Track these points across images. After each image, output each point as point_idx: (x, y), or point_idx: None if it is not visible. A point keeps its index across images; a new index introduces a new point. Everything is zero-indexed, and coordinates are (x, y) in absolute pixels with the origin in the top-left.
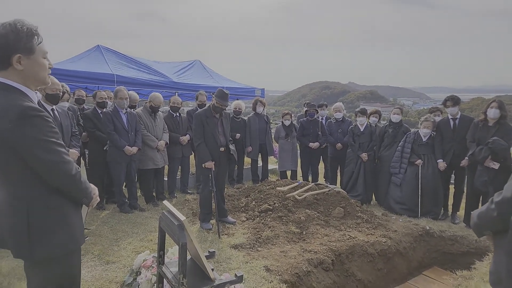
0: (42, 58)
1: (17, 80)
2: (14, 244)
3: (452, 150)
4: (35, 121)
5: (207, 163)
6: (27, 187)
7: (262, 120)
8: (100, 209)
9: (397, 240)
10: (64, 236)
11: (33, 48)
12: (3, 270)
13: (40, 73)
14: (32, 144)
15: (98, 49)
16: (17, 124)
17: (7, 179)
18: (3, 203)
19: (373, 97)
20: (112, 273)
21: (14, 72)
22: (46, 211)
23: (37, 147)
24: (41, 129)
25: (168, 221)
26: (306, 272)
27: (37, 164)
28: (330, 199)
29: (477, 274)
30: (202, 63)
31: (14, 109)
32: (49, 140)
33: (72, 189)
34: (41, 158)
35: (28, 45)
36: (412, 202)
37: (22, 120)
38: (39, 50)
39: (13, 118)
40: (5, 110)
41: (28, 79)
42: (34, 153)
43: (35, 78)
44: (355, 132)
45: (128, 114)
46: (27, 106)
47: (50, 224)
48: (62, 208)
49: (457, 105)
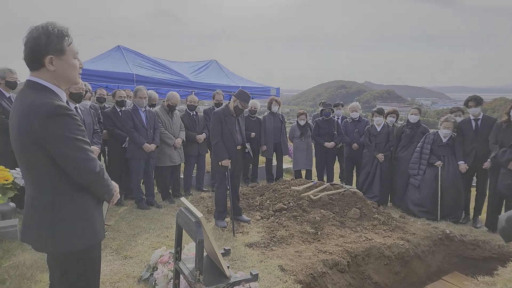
0: (72, 58)
1: (49, 80)
2: (37, 237)
3: (474, 152)
4: (64, 119)
5: (224, 161)
6: (53, 182)
7: (277, 119)
8: (118, 205)
9: (415, 243)
10: (86, 230)
11: (64, 49)
12: (26, 262)
13: (71, 73)
14: (60, 141)
15: (119, 49)
16: (46, 121)
17: (34, 174)
18: (29, 197)
19: (390, 96)
20: (130, 267)
21: (47, 72)
22: (70, 206)
23: (65, 144)
24: (69, 127)
25: (186, 218)
26: (321, 273)
27: (64, 161)
28: (345, 199)
29: (500, 281)
30: (218, 63)
31: (44, 107)
32: (77, 138)
33: (95, 185)
34: (68, 155)
35: (59, 46)
36: (431, 204)
37: (51, 117)
38: (69, 50)
39: (43, 116)
40: (36, 108)
41: (59, 79)
42: (62, 150)
43: (66, 78)
44: (372, 132)
45: (147, 112)
46: (57, 105)
47: (74, 218)
48: (85, 203)
49: (479, 105)
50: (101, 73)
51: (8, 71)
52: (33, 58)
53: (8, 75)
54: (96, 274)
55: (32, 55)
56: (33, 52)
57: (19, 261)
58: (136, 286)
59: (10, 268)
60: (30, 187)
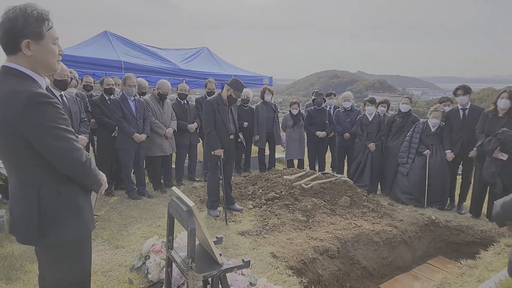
0: (52, 44)
1: (26, 66)
2: (24, 230)
3: (461, 141)
4: (44, 108)
5: (217, 150)
6: (38, 174)
7: (270, 108)
8: (109, 195)
9: (403, 229)
10: (74, 222)
11: (43, 34)
12: (15, 253)
13: (49, 59)
14: (42, 131)
15: (106, 35)
16: (25, 110)
17: (17, 165)
18: (14, 190)
19: (382, 86)
20: (122, 257)
21: (23, 57)
22: (57, 197)
23: (47, 134)
24: (51, 115)
25: (177, 207)
26: (312, 259)
27: (48, 151)
28: (336, 188)
29: (481, 264)
30: (210, 51)
31: (22, 95)
32: (59, 127)
33: (82, 176)
34: (51, 145)
35: (37, 30)
36: (419, 192)
37: (31, 106)
38: (49, 35)
39: (22, 104)
40: (14, 96)
41: (37, 65)
42: (44, 140)
43: (44, 64)
44: (363, 122)
45: (137, 101)
46: (36, 92)
47: (61, 210)
48: (72, 194)
49: (467, 94)
50: (88, 59)
51: None
52: (9, 41)
53: None
54: (87, 264)
55: (7, 38)
56: (9, 35)
57: (7, 252)
58: (129, 274)
59: None
60: (14, 178)
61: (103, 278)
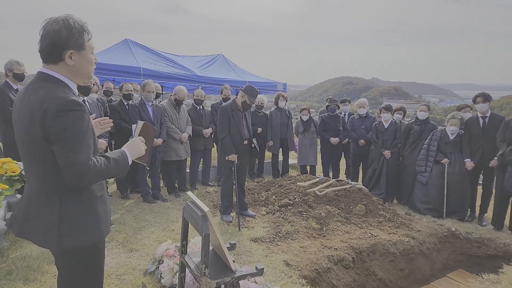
0: (90, 53)
1: (65, 74)
2: (42, 233)
3: (481, 150)
4: (74, 115)
5: (231, 156)
6: (62, 181)
7: (284, 114)
8: (124, 198)
9: (421, 240)
10: (91, 227)
11: (84, 44)
12: (33, 254)
13: (88, 68)
14: (61, 137)
15: (126, 43)
16: (58, 115)
17: (42, 168)
18: (36, 193)
19: (397, 93)
20: (136, 260)
21: (64, 67)
22: (78, 203)
23: (63, 141)
24: (78, 124)
25: (192, 212)
26: (326, 269)
27: (57, 157)
28: (351, 196)
29: (505, 278)
30: (225, 58)
31: (58, 101)
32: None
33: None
34: (61, 153)
35: (80, 41)
36: (437, 201)
37: (63, 112)
38: (88, 46)
39: (55, 109)
40: (50, 100)
41: (76, 74)
42: (58, 145)
43: (83, 73)
44: (379, 129)
45: (154, 106)
46: (70, 100)
47: (80, 215)
48: (91, 199)
49: (487, 101)
50: (108, 66)
51: (15, 63)
52: (53, 51)
53: (16, 67)
54: (100, 269)
55: (51, 49)
56: (53, 46)
57: (25, 253)
58: (142, 278)
59: (17, 259)
60: (36, 183)
61: (117, 282)
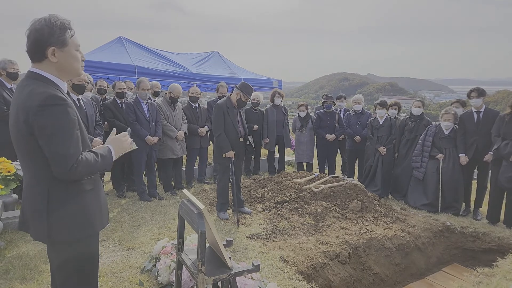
0: (75, 50)
1: (51, 72)
2: (34, 226)
3: (475, 144)
4: (56, 110)
5: (228, 152)
6: (49, 172)
7: (279, 111)
8: (120, 196)
9: (416, 235)
10: (81, 221)
11: (66, 41)
12: (30, 253)
13: (73, 64)
14: (46, 131)
15: (120, 40)
16: (40, 109)
17: (31, 162)
18: (27, 187)
19: (393, 89)
20: (132, 258)
21: (49, 64)
22: (65, 195)
23: (49, 136)
24: (60, 118)
25: (188, 209)
26: (322, 264)
27: (45, 152)
28: (347, 192)
29: (499, 272)
30: (221, 55)
31: (41, 96)
32: (64, 131)
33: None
34: (47, 147)
35: (61, 38)
36: (432, 196)
37: (45, 107)
38: (72, 43)
39: (38, 104)
40: (34, 97)
41: (62, 71)
42: (43, 140)
43: (69, 70)
44: (374, 125)
45: (149, 104)
46: (53, 95)
47: (69, 208)
48: (80, 193)
49: (481, 96)
50: (102, 64)
51: (9, 62)
52: (36, 49)
53: (9, 66)
54: (94, 264)
55: (35, 47)
56: (36, 44)
57: (22, 252)
58: (139, 276)
59: (13, 259)
60: (28, 175)
61: (114, 279)
